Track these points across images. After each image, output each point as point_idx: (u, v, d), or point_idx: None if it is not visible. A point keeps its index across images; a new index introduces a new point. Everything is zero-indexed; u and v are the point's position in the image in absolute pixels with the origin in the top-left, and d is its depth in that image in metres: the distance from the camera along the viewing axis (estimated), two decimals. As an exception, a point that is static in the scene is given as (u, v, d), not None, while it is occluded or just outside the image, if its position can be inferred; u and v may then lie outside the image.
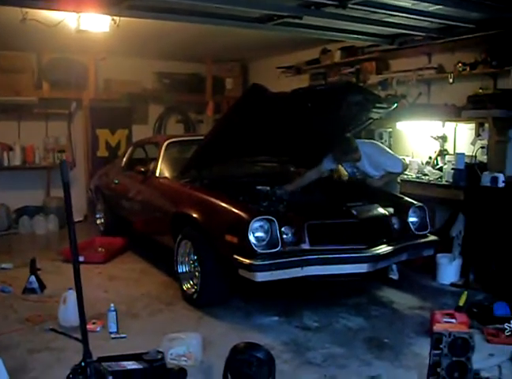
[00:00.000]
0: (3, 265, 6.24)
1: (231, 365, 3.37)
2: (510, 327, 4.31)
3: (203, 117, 10.18)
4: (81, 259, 6.05)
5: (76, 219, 8.17)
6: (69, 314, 4.37)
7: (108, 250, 6.90)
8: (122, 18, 5.60)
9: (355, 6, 4.95)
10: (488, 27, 5.60)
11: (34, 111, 8.58)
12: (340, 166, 5.90)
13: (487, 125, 5.83)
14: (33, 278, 5.37)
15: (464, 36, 5.93)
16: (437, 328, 3.37)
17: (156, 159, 6.33)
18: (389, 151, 5.90)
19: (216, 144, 5.30)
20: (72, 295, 4.24)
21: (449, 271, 5.79)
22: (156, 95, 9.68)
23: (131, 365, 3.51)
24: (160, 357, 3.60)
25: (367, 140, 5.95)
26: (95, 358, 3.24)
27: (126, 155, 7.56)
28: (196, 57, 9.40)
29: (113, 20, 5.67)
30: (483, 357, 3.88)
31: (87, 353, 3.15)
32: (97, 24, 5.71)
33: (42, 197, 8.85)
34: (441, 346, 3.10)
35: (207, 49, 8.52)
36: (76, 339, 3.98)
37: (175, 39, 7.42)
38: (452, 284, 5.70)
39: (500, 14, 5.21)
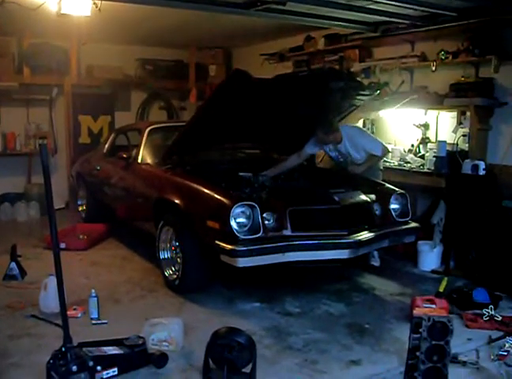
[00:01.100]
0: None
1: (212, 349, 3.38)
2: (488, 312, 4.37)
3: (186, 104, 10.13)
4: (63, 246, 6.06)
5: (57, 206, 8.20)
6: (49, 300, 4.34)
7: (90, 237, 6.86)
8: (103, 2, 5.52)
9: (339, -7, 4.94)
10: (471, 15, 5.61)
11: (14, 97, 8.46)
12: (322, 150, 5.89)
13: (468, 113, 5.86)
14: (14, 264, 5.32)
15: (446, 25, 5.94)
16: (416, 312, 3.41)
17: (138, 146, 6.29)
18: (370, 134, 5.92)
19: (199, 130, 5.28)
20: (53, 281, 4.18)
21: (430, 258, 5.84)
22: (139, 81, 9.60)
23: (112, 350, 3.52)
24: (141, 342, 3.62)
25: (348, 124, 5.96)
26: (75, 343, 3.25)
27: (108, 142, 7.50)
28: (179, 43, 9.32)
29: (94, 4, 5.58)
30: (462, 341, 3.95)
31: (67, 338, 3.16)
32: (78, 7, 5.60)
33: (23, 184, 8.76)
34: (420, 330, 3.12)
35: (190, 35, 8.44)
36: (56, 324, 3.97)
37: (158, 24, 7.35)
38: (433, 271, 5.76)
39: (482, 3, 5.23)
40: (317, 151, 5.90)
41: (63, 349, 3.11)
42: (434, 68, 6.15)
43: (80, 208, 8.01)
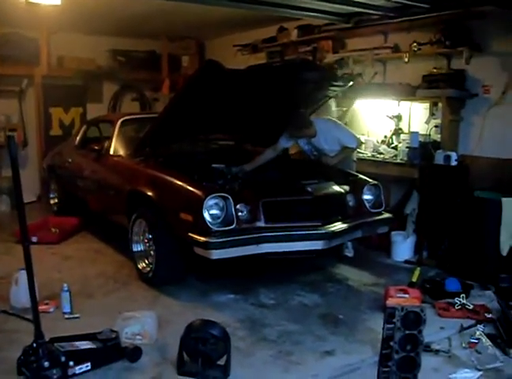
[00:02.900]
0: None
1: (186, 342, 3.37)
2: (459, 301, 4.43)
3: (159, 95, 10.01)
4: (34, 239, 5.98)
5: (29, 200, 8.08)
6: (20, 295, 4.26)
7: (62, 230, 6.78)
8: (73, -9, 5.45)
9: (312, -18, 4.91)
10: (443, 7, 5.64)
11: (-17, 88, 8.30)
12: (296, 144, 5.89)
13: (440, 104, 5.91)
14: (-17, 259, 5.24)
15: (419, 16, 5.95)
16: (390, 302, 3.43)
17: (110, 138, 6.21)
18: (344, 126, 5.93)
19: (171, 122, 5.23)
20: (23, 276, 4.09)
21: (403, 248, 5.90)
22: (111, 72, 9.44)
23: (84, 344, 3.48)
24: (114, 336, 3.59)
25: (322, 117, 5.96)
26: (47, 338, 3.21)
27: (80, 134, 7.40)
28: (151, 34, 9.21)
29: (64, -8, 5.50)
30: (435, 330, 4.00)
31: (39, 334, 3.12)
32: (48, -4, 5.53)
33: (-7, 178, 8.60)
34: (394, 320, 3.14)
35: (162, 25, 8.34)
36: (27, 319, 3.91)
37: (128, 14, 7.24)
38: (406, 261, 5.82)
39: (454, -6, 5.26)
40: (291, 144, 5.89)
41: (34, 345, 3.08)
42: (406, 59, 6.19)
43: (52, 201, 7.90)
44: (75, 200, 7.12)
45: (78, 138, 7.34)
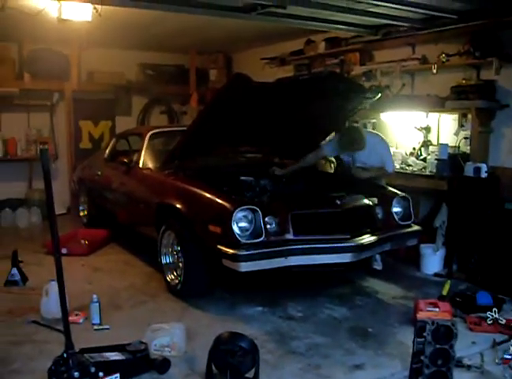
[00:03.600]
0: (-16, 258, 6.17)
1: (214, 354, 3.36)
2: (491, 315, 4.35)
3: (187, 108, 10.11)
4: (64, 251, 6.05)
5: (59, 212, 8.19)
6: (51, 306, 4.32)
7: (91, 242, 6.85)
8: (104, 7, 5.53)
9: (339, -5, 4.94)
10: (471, 18, 5.61)
11: (15, 102, 8.46)
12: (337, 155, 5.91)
13: (470, 115, 5.85)
14: (15, 270, 5.31)
15: (447, 27, 5.94)
16: (420, 316, 3.39)
17: (139, 150, 6.28)
18: (389, 147, 5.86)
19: (200, 134, 5.27)
20: (54, 287, 4.17)
21: (432, 261, 5.82)
22: (140, 86, 9.60)
23: (114, 356, 3.50)
24: (143, 347, 3.60)
25: (373, 131, 5.96)
26: (77, 349, 3.23)
27: (109, 147, 7.50)
28: (180, 48, 9.33)
29: (95, 8, 5.59)
30: (466, 345, 3.92)
31: (69, 344, 3.13)
32: (79, 12, 5.62)
33: (24, 190, 8.76)
34: (424, 334, 3.11)
35: (191, 40, 8.44)
36: (58, 330, 3.94)
37: (159, 29, 7.36)
38: (435, 274, 5.74)
39: (483, 5, 5.22)
40: (334, 155, 5.88)
41: (65, 355, 3.09)
42: (435, 71, 6.15)
43: (81, 214, 8.00)
44: (104, 212, 7.20)
45: (107, 151, 7.44)
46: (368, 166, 5.65)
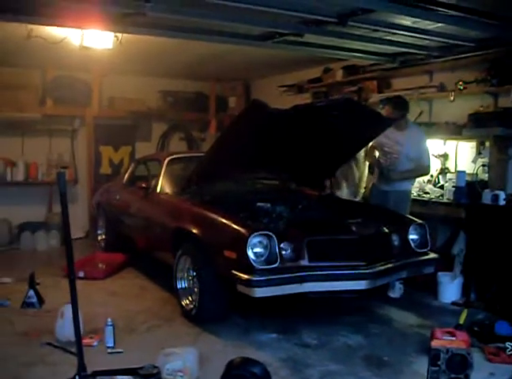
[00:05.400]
0: (3, 280, 6.24)
1: (226, 380, 3.34)
2: (511, 346, 4.26)
3: (206, 135, 10.25)
4: (82, 274, 6.10)
5: (78, 236, 8.28)
6: (66, 328, 4.32)
7: (108, 266, 6.90)
8: (124, 35, 5.66)
9: (356, 24, 4.98)
10: (489, 45, 5.63)
11: (37, 128, 8.62)
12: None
13: (487, 143, 5.84)
14: (32, 292, 5.35)
15: (464, 55, 5.96)
16: (435, 344, 3.33)
17: (157, 176, 6.34)
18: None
19: (217, 160, 5.31)
20: (69, 310, 4.16)
21: (450, 289, 5.75)
22: (160, 113, 9.73)
23: (126, 379, 3.49)
24: (155, 371, 3.58)
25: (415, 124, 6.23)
26: (90, 372, 3.24)
27: (128, 172, 7.57)
28: (200, 76, 9.47)
29: (116, 36, 5.72)
30: (484, 376, 3.86)
31: (81, 366, 3.15)
32: (100, 40, 5.77)
33: (44, 213, 8.85)
34: (439, 362, 3.07)
35: (210, 68, 8.56)
36: (71, 352, 3.95)
37: (179, 57, 7.49)
38: (453, 303, 5.66)
39: (500, 33, 5.23)
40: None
41: (77, 377, 3.11)
42: (452, 98, 6.15)
43: (99, 238, 8.04)
44: (122, 236, 7.24)
45: (126, 176, 7.51)
46: (408, 160, 5.83)
